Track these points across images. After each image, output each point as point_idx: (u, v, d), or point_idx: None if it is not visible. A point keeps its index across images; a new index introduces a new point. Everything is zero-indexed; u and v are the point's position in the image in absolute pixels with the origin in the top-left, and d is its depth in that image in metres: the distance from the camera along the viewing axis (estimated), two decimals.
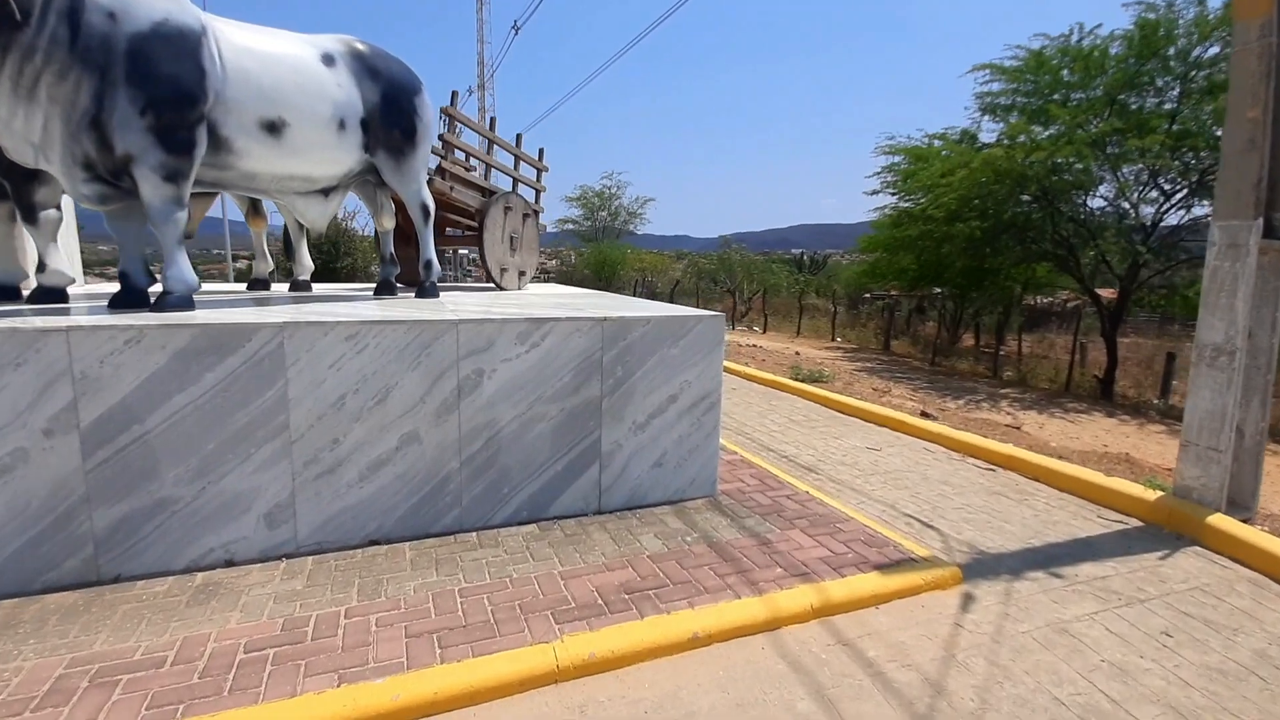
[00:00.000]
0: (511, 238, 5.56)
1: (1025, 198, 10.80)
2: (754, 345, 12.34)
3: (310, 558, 2.88)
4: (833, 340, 16.36)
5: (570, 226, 32.43)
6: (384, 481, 3.02)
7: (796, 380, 7.77)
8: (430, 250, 4.39)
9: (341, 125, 3.57)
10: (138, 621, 2.36)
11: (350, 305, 3.61)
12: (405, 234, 5.21)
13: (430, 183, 4.94)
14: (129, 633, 2.30)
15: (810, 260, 32.31)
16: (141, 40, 2.77)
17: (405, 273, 5.10)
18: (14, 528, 2.51)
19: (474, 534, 3.16)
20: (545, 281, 31.86)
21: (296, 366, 2.81)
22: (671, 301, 20.95)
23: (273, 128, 3.27)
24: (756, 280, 23.35)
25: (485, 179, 5.71)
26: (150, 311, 2.97)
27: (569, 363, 3.30)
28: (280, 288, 4.80)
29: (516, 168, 6.00)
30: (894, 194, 14.67)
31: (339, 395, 2.89)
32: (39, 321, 2.51)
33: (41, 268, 3.26)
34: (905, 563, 3.00)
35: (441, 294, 4.73)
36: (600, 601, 2.58)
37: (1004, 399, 8.61)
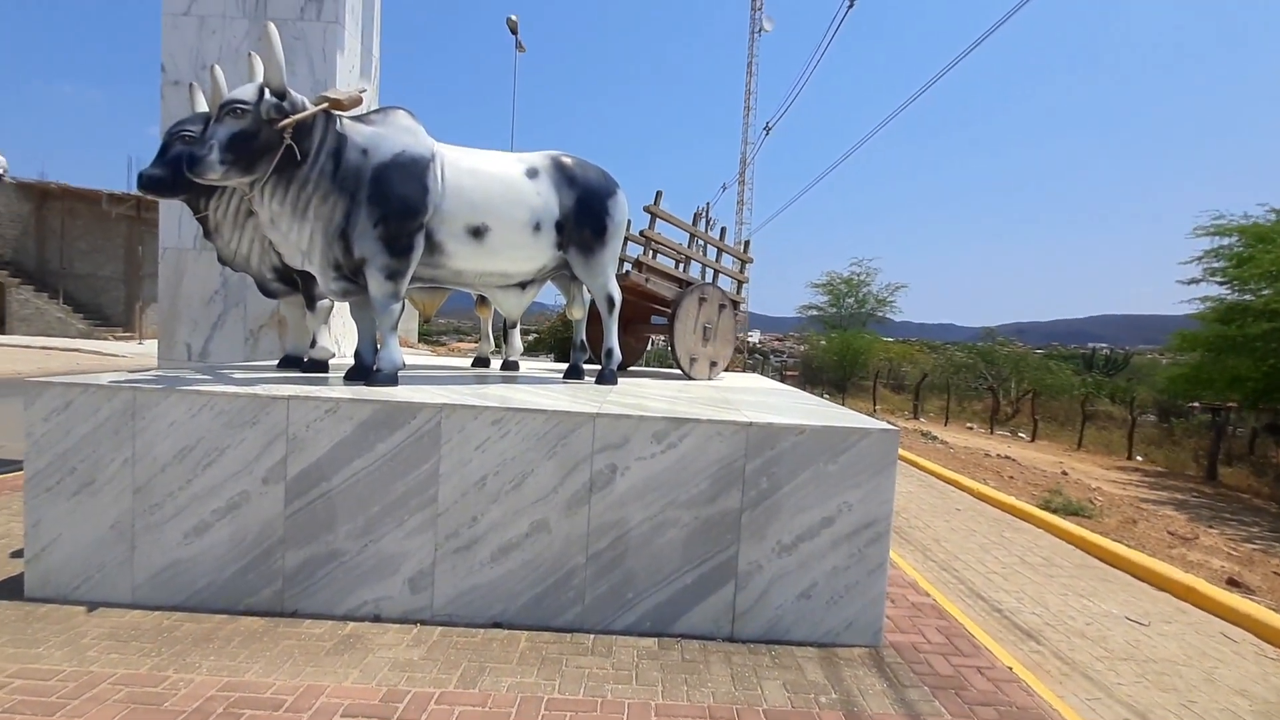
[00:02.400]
0: (705, 328, 5.56)
1: None
2: (1006, 457, 10.45)
3: (439, 628, 3.03)
4: (1129, 458, 13.15)
5: (815, 313, 31.83)
6: (512, 565, 3.09)
7: (1045, 509, 6.30)
8: (613, 339, 4.57)
9: (537, 228, 3.96)
10: (286, 659, 2.69)
11: (515, 387, 3.87)
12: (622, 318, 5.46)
13: (627, 275, 5.23)
14: (275, 668, 2.62)
15: (1106, 358, 26.86)
16: (383, 168, 3.43)
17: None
18: (233, 555, 3.09)
19: (591, 636, 3.04)
20: (787, 365, 31.50)
21: (450, 445, 3.07)
22: (917, 398, 19.03)
23: (476, 232, 3.75)
24: (1027, 378, 20.08)
25: (685, 270, 5.86)
26: (366, 385, 3.53)
27: (707, 468, 3.09)
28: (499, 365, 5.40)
29: (719, 260, 6.07)
30: (1222, 283, 11.65)
31: (481, 476, 3.07)
32: (273, 389, 3.13)
33: (313, 344, 4.12)
34: None
35: (622, 381, 4.87)
36: None
37: None
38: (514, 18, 17.02)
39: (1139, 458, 13.30)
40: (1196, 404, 15.63)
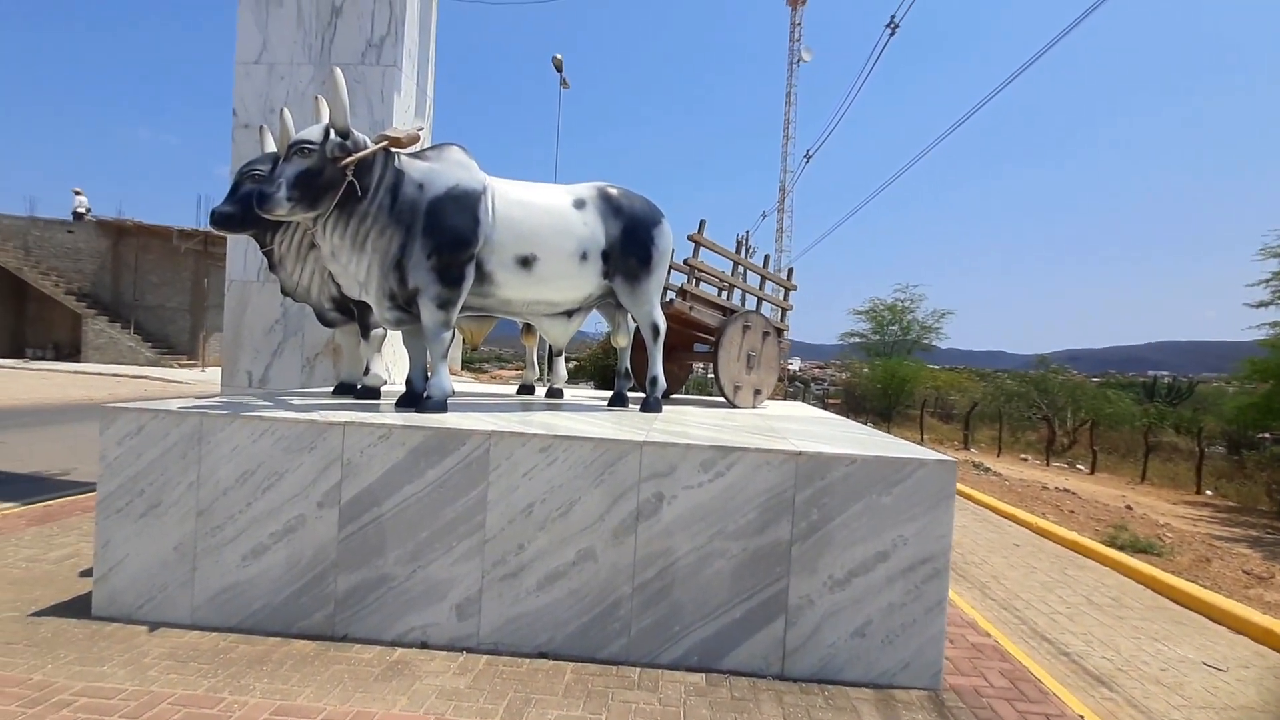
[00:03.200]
0: (749, 355, 5.52)
1: None
2: (1065, 490, 9.98)
3: (485, 657, 3.02)
4: (1198, 493, 12.40)
5: (857, 340, 31.34)
6: (559, 594, 3.08)
7: (1111, 546, 5.97)
8: (657, 367, 4.58)
9: (583, 257, 4.02)
10: (335, 685, 2.71)
11: (560, 414, 3.89)
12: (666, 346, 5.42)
13: (670, 303, 5.25)
14: (324, 694, 2.64)
15: (1169, 386, 25.57)
16: (437, 202, 3.54)
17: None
18: (288, 578, 3.16)
19: (637, 670, 2.98)
20: (828, 393, 30.98)
21: (498, 471, 3.09)
22: (967, 427, 18.41)
23: (525, 262, 3.83)
24: (1084, 407, 19.25)
25: (729, 298, 5.85)
26: (416, 412, 3.60)
27: (755, 498, 3.04)
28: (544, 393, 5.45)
29: (762, 287, 6.05)
30: None
31: (528, 503, 3.08)
32: (330, 415, 3.23)
33: (366, 371, 4.24)
34: None
35: (666, 409, 4.85)
36: None
37: None
38: (559, 56, 17.61)
39: (1209, 491, 12.53)
40: (1268, 434, 14.74)
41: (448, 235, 3.53)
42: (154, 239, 25.41)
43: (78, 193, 25.95)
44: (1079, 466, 15.11)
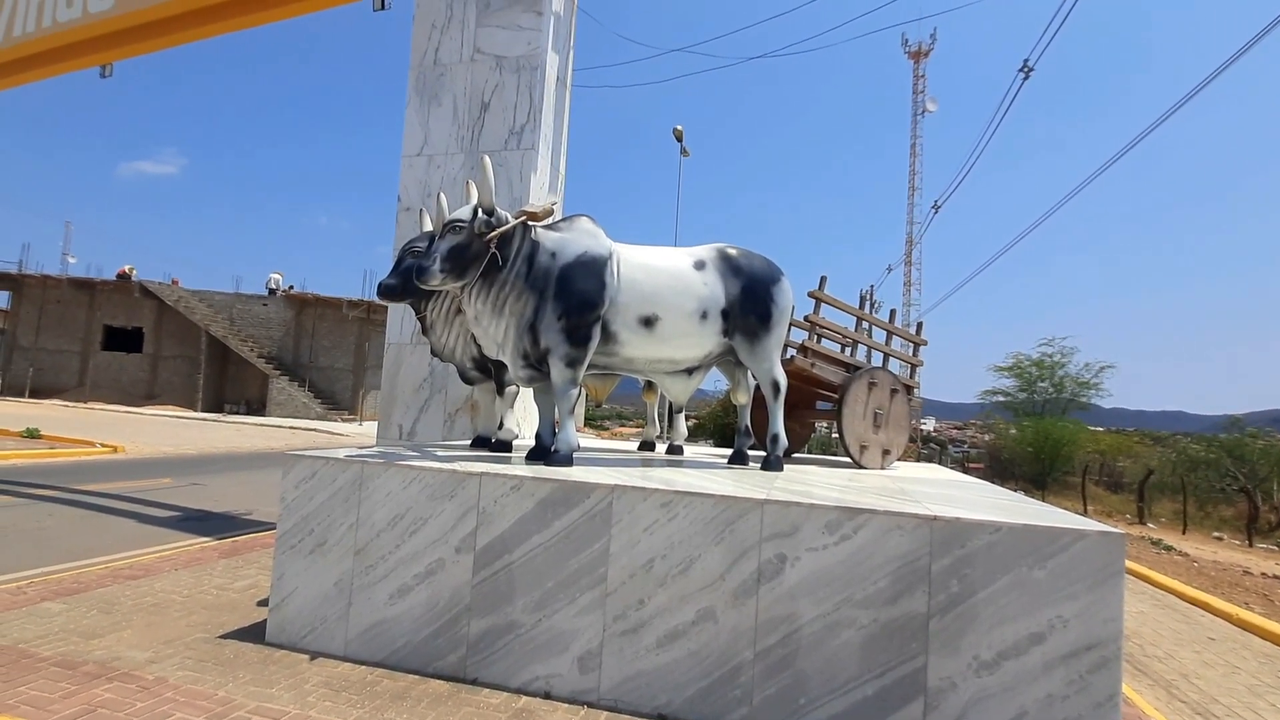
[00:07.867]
0: (875, 414, 5.29)
1: None
2: (1275, 577, 8.37)
3: (604, 713, 3.02)
4: None
5: (1000, 398, 28.82)
6: (678, 654, 3.04)
7: None
8: (778, 424, 4.51)
9: (704, 316, 4.13)
10: None
11: (681, 471, 3.92)
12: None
13: (791, 360, 5.19)
14: None
15: None
16: (568, 268, 3.82)
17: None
18: (427, 619, 3.38)
19: None
20: (969, 456, 28.49)
21: (620, 525, 3.17)
22: (1141, 499, 16.12)
23: (648, 322, 4.00)
24: None
25: (853, 355, 5.69)
26: (544, 465, 3.79)
27: (885, 564, 2.87)
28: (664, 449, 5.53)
29: (889, 342, 5.82)
30: None
31: (649, 558, 3.11)
32: (468, 466, 3.49)
33: (500, 426, 4.55)
34: None
35: (788, 468, 4.73)
36: None
37: None
38: (679, 128, 18.50)
39: None
40: None
41: (576, 298, 3.78)
42: (327, 308, 29.10)
43: (276, 275, 30.58)
44: None
